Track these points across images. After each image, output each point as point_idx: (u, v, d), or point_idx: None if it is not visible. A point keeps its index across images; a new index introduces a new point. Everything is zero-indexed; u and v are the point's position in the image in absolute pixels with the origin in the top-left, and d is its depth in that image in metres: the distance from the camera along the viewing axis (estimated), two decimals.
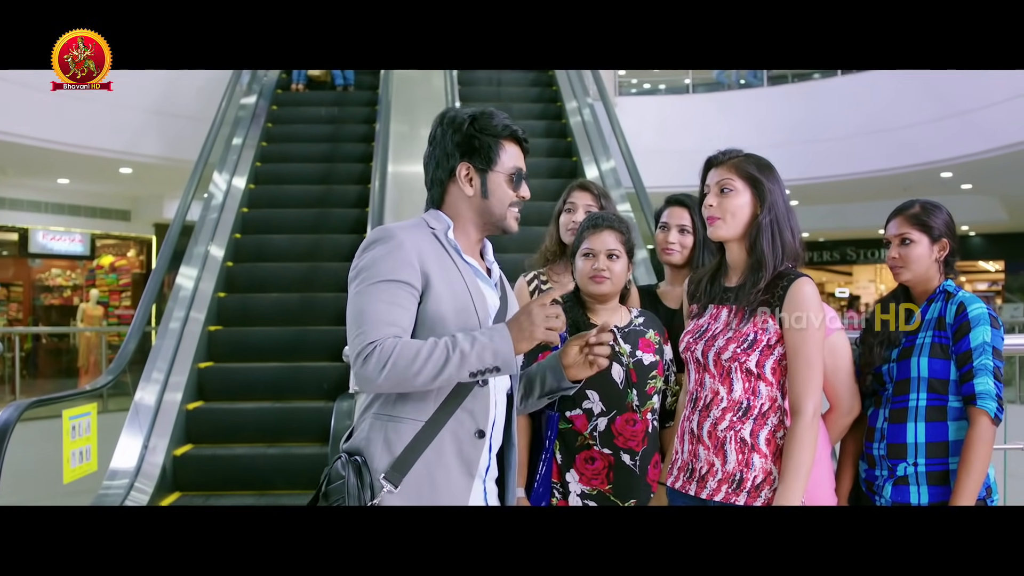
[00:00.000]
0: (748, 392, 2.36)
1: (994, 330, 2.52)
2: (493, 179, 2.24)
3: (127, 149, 11.55)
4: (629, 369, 2.74)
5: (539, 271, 3.38)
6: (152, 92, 10.99)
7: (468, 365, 2.01)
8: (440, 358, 2.00)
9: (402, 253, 2.11)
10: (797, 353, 2.32)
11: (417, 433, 2.10)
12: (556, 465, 2.74)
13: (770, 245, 2.36)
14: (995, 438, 2.49)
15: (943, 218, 2.70)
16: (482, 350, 2.02)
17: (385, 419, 2.14)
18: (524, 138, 2.30)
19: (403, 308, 2.09)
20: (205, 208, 7.72)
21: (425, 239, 2.18)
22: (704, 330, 2.46)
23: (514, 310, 2.30)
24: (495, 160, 2.24)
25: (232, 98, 9.09)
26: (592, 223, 2.83)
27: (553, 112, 10.00)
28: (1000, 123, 11.44)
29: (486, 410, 2.17)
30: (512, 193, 2.26)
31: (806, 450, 2.27)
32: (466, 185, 2.24)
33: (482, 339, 2.03)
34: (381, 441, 2.12)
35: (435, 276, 2.13)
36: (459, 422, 2.13)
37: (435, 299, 2.12)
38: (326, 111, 10.10)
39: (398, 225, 2.22)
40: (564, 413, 2.74)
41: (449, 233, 2.23)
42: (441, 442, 2.11)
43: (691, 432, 2.45)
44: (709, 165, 2.49)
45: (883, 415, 2.65)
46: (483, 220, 2.27)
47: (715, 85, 16.14)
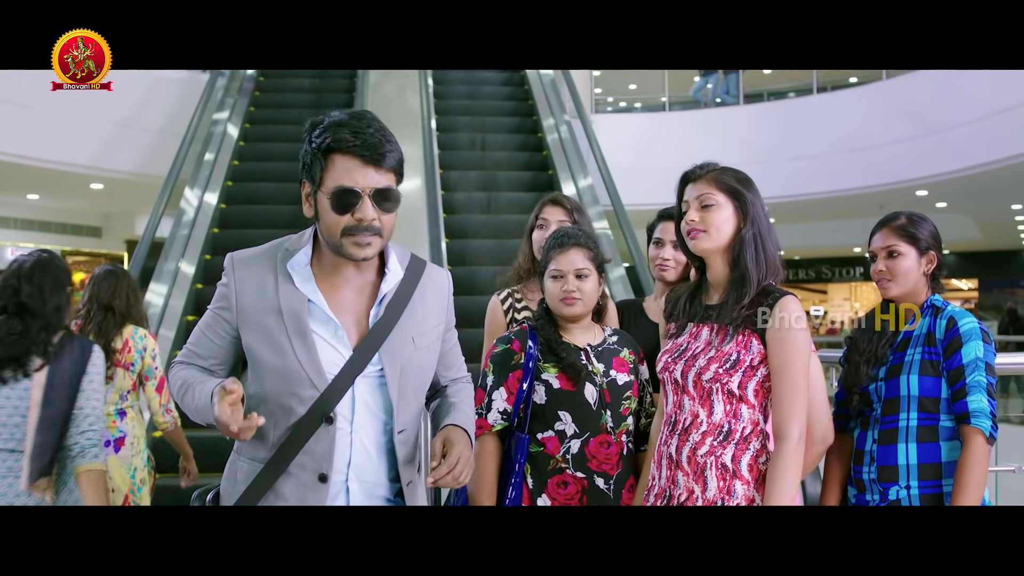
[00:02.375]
0: (729, 415, 2.26)
1: (986, 345, 2.45)
2: (320, 200, 1.94)
3: (98, 164, 11.35)
4: (603, 389, 2.63)
5: (513, 289, 3.28)
6: (123, 106, 10.80)
7: (202, 416, 1.96)
8: (185, 400, 2.02)
9: (223, 286, 2.06)
10: (782, 374, 2.23)
11: (256, 477, 1.98)
12: (527, 490, 2.62)
13: (754, 260, 2.28)
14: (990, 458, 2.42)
15: (929, 229, 2.64)
16: (203, 407, 1.95)
17: (235, 454, 2.07)
18: (365, 149, 1.90)
19: (209, 339, 2.07)
20: (176, 225, 7.57)
21: (258, 270, 2.03)
22: (683, 349, 2.36)
23: (404, 329, 2.04)
24: (317, 178, 1.93)
25: (204, 112, 8.96)
26: (558, 242, 2.72)
27: (529, 127, 9.94)
28: (975, 142, 11.50)
29: (330, 452, 1.96)
30: (339, 217, 1.91)
31: (790, 476, 2.18)
32: (306, 205, 1.99)
33: (199, 396, 1.97)
34: (233, 478, 2.04)
35: (250, 312, 2.01)
36: (299, 466, 1.96)
37: (250, 337, 2.01)
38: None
39: (249, 250, 2.09)
40: (535, 435, 2.62)
41: (296, 258, 2.01)
42: (281, 487, 1.97)
43: (669, 457, 2.34)
44: (686, 180, 2.39)
45: (872, 437, 2.56)
46: (328, 243, 1.99)
47: (691, 103, 16.21)
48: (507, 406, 2.64)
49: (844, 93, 14.39)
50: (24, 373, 2.85)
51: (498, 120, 10.06)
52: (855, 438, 2.63)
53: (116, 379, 3.91)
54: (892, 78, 13.23)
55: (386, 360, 2.01)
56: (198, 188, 8.17)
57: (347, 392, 1.98)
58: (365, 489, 2.03)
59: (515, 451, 2.61)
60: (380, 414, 2.03)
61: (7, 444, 2.83)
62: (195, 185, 8.18)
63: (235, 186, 8.67)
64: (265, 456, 1.98)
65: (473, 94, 10.61)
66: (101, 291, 3.99)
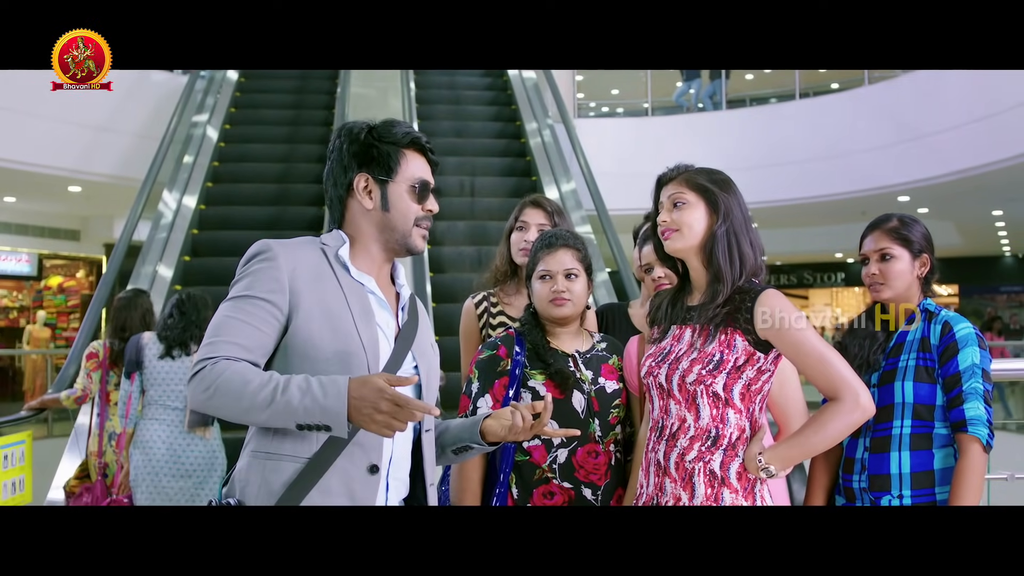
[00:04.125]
0: (716, 420, 2.19)
1: (982, 351, 2.40)
2: (394, 190, 2.05)
3: (76, 167, 11.18)
4: (591, 397, 2.57)
5: (488, 292, 3.20)
6: (102, 109, 10.69)
7: (294, 415, 1.79)
8: (264, 400, 1.80)
9: (271, 269, 1.94)
10: (799, 358, 2.19)
11: (299, 473, 1.89)
12: (512, 500, 2.55)
13: (726, 256, 2.21)
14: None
15: (922, 231, 2.60)
16: (311, 404, 1.78)
17: (263, 457, 1.94)
18: (429, 148, 2.12)
19: (256, 328, 1.90)
20: (154, 228, 7.52)
21: (309, 255, 2.00)
22: (667, 353, 2.29)
23: (424, 337, 2.11)
24: (395, 169, 2.05)
25: (183, 114, 8.87)
26: (546, 243, 2.67)
27: (512, 131, 9.90)
28: (957, 148, 11.52)
29: (379, 442, 1.94)
30: (416, 206, 2.06)
31: (831, 428, 2.16)
32: (365, 198, 2.05)
33: (315, 391, 1.79)
34: (258, 483, 1.91)
35: (307, 295, 1.94)
36: (348, 458, 1.91)
37: (305, 319, 1.92)
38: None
39: (284, 240, 2.03)
40: (521, 443, 2.54)
41: (342, 251, 2.03)
42: (327, 482, 1.90)
43: (656, 463, 2.27)
44: (660, 183, 2.35)
45: (863, 444, 2.50)
46: (385, 237, 2.07)
47: (674, 108, 16.21)
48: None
49: (826, 98, 14.41)
50: (186, 353, 4.49)
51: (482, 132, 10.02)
52: (844, 445, 2.57)
53: None
54: (874, 83, 13.26)
55: (418, 358, 2.07)
56: (176, 191, 8.11)
57: None
58: (397, 487, 2.03)
59: (500, 460, 2.55)
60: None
61: (176, 403, 4.46)
62: (174, 188, 8.12)
63: (215, 187, 8.62)
64: (310, 452, 1.90)
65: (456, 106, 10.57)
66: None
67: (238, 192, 8.66)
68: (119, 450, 4.55)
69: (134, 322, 4.81)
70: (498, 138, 9.78)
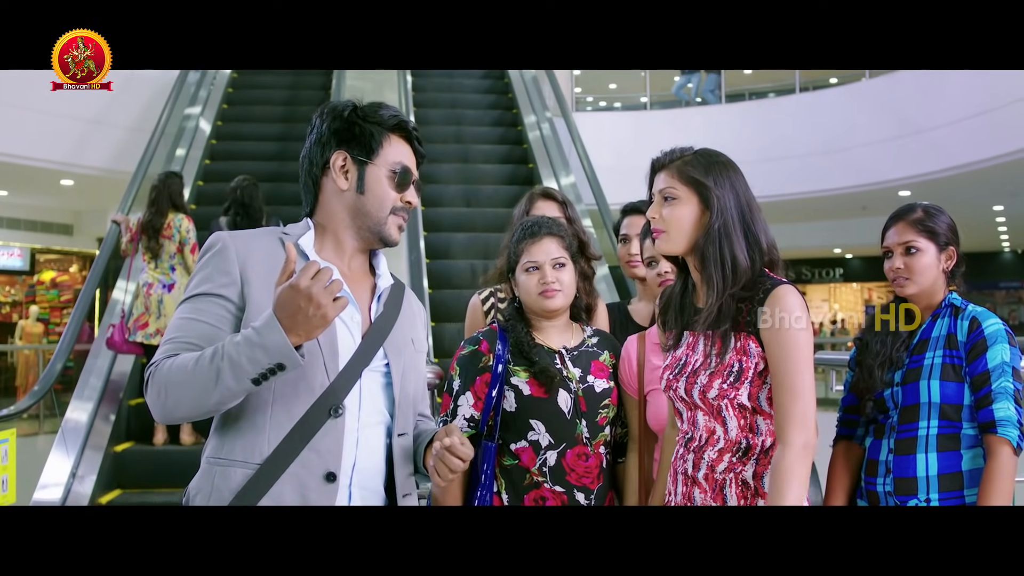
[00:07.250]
0: (745, 430, 2.02)
1: (1012, 348, 2.28)
2: (372, 173, 1.93)
3: (68, 160, 11.11)
4: (578, 396, 2.41)
5: (496, 288, 3.05)
6: (94, 102, 10.57)
7: (244, 372, 1.67)
8: (209, 374, 1.68)
9: (221, 262, 1.85)
10: (776, 376, 1.98)
11: (249, 479, 1.77)
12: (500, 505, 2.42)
13: (716, 262, 2.02)
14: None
15: (947, 222, 2.48)
16: (251, 350, 1.66)
17: (214, 463, 1.83)
18: (416, 136, 1.99)
19: (209, 324, 1.80)
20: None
21: (263, 245, 1.89)
22: (683, 364, 2.12)
23: (402, 332, 1.97)
24: (376, 151, 1.93)
25: (175, 108, 8.76)
26: (529, 232, 2.50)
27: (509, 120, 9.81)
28: (957, 142, 11.47)
29: (338, 449, 1.81)
30: (394, 193, 1.93)
31: (793, 487, 1.91)
32: (340, 177, 1.93)
33: (250, 336, 1.67)
34: (208, 490, 1.80)
35: (257, 285, 1.82)
36: (302, 464, 1.79)
37: (256, 311, 1.78)
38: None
39: (239, 231, 1.93)
40: (508, 446, 2.41)
41: (303, 239, 1.91)
42: (280, 490, 1.77)
43: (684, 473, 2.11)
44: (654, 169, 2.15)
45: (887, 446, 2.38)
46: (358, 224, 1.94)
47: (672, 102, 16.10)
48: (474, 412, 2.43)
49: (826, 93, 14.34)
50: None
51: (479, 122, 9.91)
52: (867, 447, 2.45)
53: (164, 247, 5.79)
54: (875, 78, 13.18)
55: (391, 355, 1.93)
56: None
57: (355, 385, 1.86)
58: (365, 497, 1.88)
59: (481, 460, 2.39)
60: (383, 413, 1.93)
61: None
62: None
63: (205, 186, 8.49)
64: (261, 456, 1.78)
65: (454, 97, 10.46)
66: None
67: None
68: (148, 295, 5.62)
69: (163, 202, 5.85)
70: (496, 131, 9.70)
